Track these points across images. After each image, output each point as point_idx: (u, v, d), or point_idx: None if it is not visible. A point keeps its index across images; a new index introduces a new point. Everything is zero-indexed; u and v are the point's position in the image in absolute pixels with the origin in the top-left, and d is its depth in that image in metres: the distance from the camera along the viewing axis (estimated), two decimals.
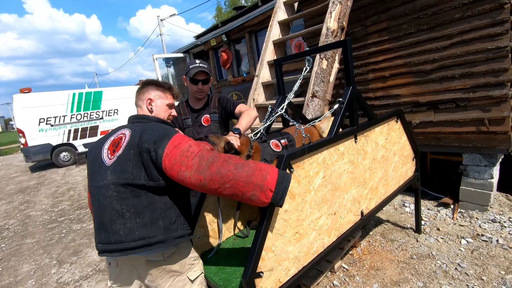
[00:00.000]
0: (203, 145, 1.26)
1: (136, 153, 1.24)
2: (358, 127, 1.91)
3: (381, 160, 2.19)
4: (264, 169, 1.20)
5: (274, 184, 1.19)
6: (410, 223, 3.05)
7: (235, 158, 1.22)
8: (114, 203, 1.24)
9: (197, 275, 1.47)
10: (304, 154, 1.54)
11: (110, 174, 1.25)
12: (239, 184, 1.15)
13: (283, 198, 1.22)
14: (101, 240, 1.29)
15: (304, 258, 1.60)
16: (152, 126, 1.34)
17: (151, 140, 1.24)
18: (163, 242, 1.28)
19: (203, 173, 1.14)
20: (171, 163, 1.19)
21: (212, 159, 1.16)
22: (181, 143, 1.22)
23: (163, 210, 1.29)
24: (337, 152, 1.78)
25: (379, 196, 2.19)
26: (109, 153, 1.31)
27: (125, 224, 1.24)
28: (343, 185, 1.83)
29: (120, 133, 1.35)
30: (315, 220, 1.65)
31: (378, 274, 2.37)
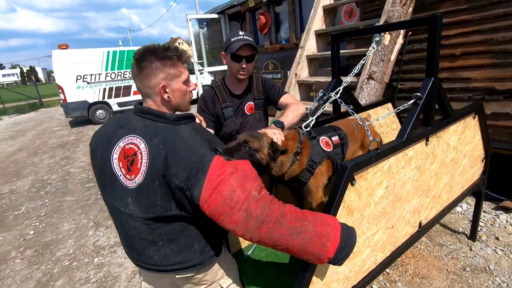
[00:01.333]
0: (249, 185, 0.98)
1: (162, 184, 1.01)
2: (433, 127, 1.57)
3: (450, 164, 1.86)
4: (325, 234, 1.01)
5: (334, 251, 1.03)
6: (462, 227, 2.73)
7: (289, 215, 0.99)
8: (144, 234, 1.09)
9: (230, 283, 1.35)
10: (371, 163, 1.27)
11: (133, 204, 1.05)
12: (292, 250, 1.00)
13: (342, 262, 1.06)
14: (133, 257, 1.18)
15: (354, 277, 1.41)
16: (177, 143, 1.01)
17: (181, 176, 0.97)
18: (200, 264, 1.17)
19: (250, 233, 0.96)
20: (211, 210, 0.97)
21: (262, 219, 0.94)
22: (222, 182, 0.95)
23: (198, 234, 1.15)
24: (404, 157, 1.48)
25: (440, 204, 1.90)
26: (123, 169, 1.07)
27: (159, 251, 1.12)
28: (406, 195, 1.56)
29: (132, 142, 1.06)
30: (371, 236, 1.42)
31: (424, 284, 2.16)
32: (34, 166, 6.37)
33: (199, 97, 1.91)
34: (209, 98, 1.85)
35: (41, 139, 9.05)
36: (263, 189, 1.03)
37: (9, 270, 2.95)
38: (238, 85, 1.88)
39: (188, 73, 1.18)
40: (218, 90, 1.87)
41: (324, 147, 1.54)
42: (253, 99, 1.89)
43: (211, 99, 1.85)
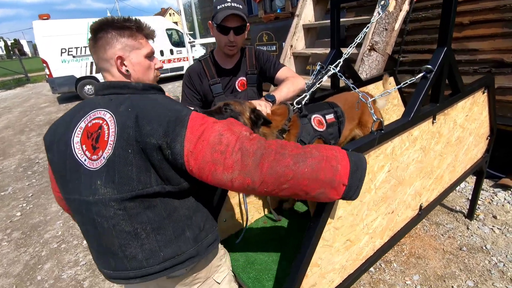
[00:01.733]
0: (238, 127, 0.88)
1: (137, 152, 0.86)
2: (442, 103, 1.42)
3: (455, 143, 1.73)
4: (332, 157, 0.89)
5: (347, 175, 0.89)
6: (460, 205, 2.68)
7: (289, 145, 0.88)
8: (121, 224, 0.92)
9: (224, 275, 1.25)
10: (373, 146, 1.13)
11: (103, 185, 0.88)
12: (301, 183, 0.85)
13: (358, 191, 0.92)
14: (110, 266, 0.99)
15: (351, 266, 1.32)
16: (148, 105, 0.91)
17: (158, 132, 0.84)
18: (196, 256, 1.01)
19: (250, 174, 0.82)
20: (200, 164, 0.84)
21: (261, 154, 0.83)
22: (206, 129, 0.85)
23: (188, 217, 0.99)
24: (409, 138, 1.35)
25: (442, 185, 1.80)
26: (87, 152, 0.91)
27: (143, 246, 0.94)
28: (408, 178, 1.45)
29: (95, 117, 0.92)
30: (370, 222, 1.32)
31: (420, 264, 2.12)
32: (21, 145, 6.16)
33: (185, 72, 1.71)
34: (195, 73, 1.65)
35: (28, 116, 8.74)
36: (254, 133, 0.91)
37: None
38: (228, 58, 1.67)
39: (152, 48, 1.06)
40: (205, 64, 1.66)
41: (316, 127, 1.38)
42: (245, 74, 1.69)
43: (197, 74, 1.65)
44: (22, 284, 2.43)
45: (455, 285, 1.93)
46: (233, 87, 1.67)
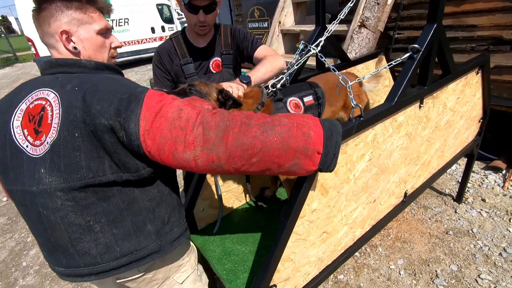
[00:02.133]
0: (199, 102, 0.81)
1: (86, 135, 0.77)
2: (430, 86, 1.32)
3: (444, 127, 1.65)
4: (303, 123, 0.82)
5: (321, 141, 0.82)
6: (449, 188, 2.64)
7: (255, 115, 0.81)
8: (71, 217, 0.82)
9: (187, 275, 1.14)
10: (351, 135, 1.04)
11: (48, 174, 0.79)
12: (272, 154, 0.78)
13: (334, 160, 0.84)
14: (61, 264, 0.90)
15: (329, 257, 1.28)
16: (98, 81, 0.82)
17: (109, 111, 0.75)
18: (158, 252, 0.94)
19: (214, 149, 0.75)
20: (158, 143, 0.76)
21: (225, 125, 0.76)
22: (164, 105, 0.77)
23: (149, 209, 0.91)
24: (393, 124, 1.26)
25: (429, 171, 1.74)
26: (29, 137, 0.81)
27: (97, 241, 0.86)
28: (392, 166, 1.38)
29: (38, 97, 0.82)
30: (349, 213, 1.26)
31: (405, 248, 2.11)
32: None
33: (155, 51, 1.58)
34: (165, 52, 1.52)
35: None
36: (219, 109, 0.83)
37: None
38: (201, 37, 1.54)
39: (107, 24, 0.94)
40: (176, 42, 1.53)
41: (293, 111, 1.28)
42: (220, 55, 1.57)
43: (167, 53, 1.52)
44: (7, 271, 2.42)
45: (439, 270, 1.92)
46: (207, 68, 1.55)
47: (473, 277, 1.85)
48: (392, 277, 1.91)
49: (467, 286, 1.80)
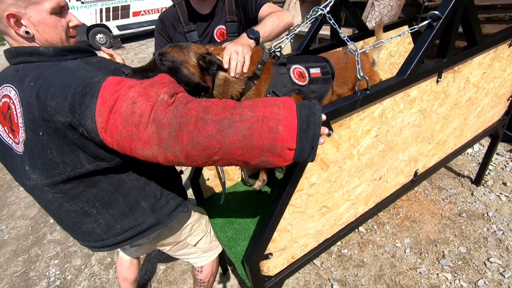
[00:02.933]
0: (156, 89, 0.72)
1: (51, 133, 0.75)
2: (451, 59, 1.21)
3: (465, 105, 1.54)
4: (270, 116, 0.71)
5: (294, 137, 0.72)
6: (468, 170, 2.53)
7: (215, 107, 0.72)
8: (65, 206, 0.86)
9: (199, 238, 1.26)
10: (355, 108, 1.00)
11: (31, 171, 0.80)
12: (233, 153, 0.71)
13: (313, 152, 0.75)
14: (77, 238, 0.99)
15: (328, 231, 1.29)
16: (53, 74, 0.76)
17: (64, 108, 0.71)
18: (157, 225, 0.99)
19: (169, 149, 0.69)
20: (117, 140, 0.71)
21: (178, 123, 0.67)
22: (119, 98, 0.69)
23: (139, 188, 0.94)
24: (405, 99, 1.19)
25: (444, 150, 1.65)
26: (9, 132, 0.81)
27: (97, 221, 0.91)
28: (401, 143, 1.32)
29: (3, 95, 0.79)
30: (351, 189, 1.25)
31: (413, 228, 2.08)
32: None
33: (157, 19, 1.55)
34: (169, 19, 1.48)
35: None
36: (181, 94, 0.75)
37: (14, 197, 3.10)
38: (204, 4, 1.47)
39: (60, 1, 0.84)
40: (180, 8, 1.48)
41: (296, 79, 1.16)
42: (224, 22, 1.51)
43: (170, 21, 1.48)
44: (37, 226, 2.65)
45: (446, 250, 1.89)
46: (211, 37, 1.50)
47: (482, 260, 1.81)
48: (397, 255, 1.91)
49: (474, 268, 1.77)
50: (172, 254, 1.28)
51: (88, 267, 2.16)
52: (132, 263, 1.48)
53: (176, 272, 2.02)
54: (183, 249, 1.24)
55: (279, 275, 1.19)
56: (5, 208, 2.95)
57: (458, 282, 1.70)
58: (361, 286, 1.76)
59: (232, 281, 1.90)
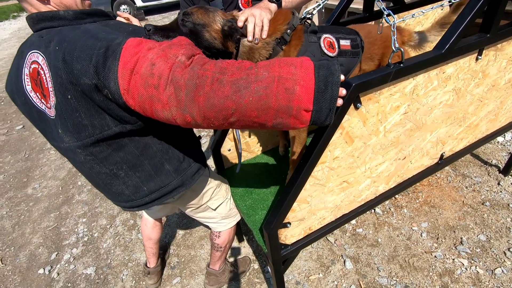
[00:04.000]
0: (174, 51, 0.72)
1: (79, 96, 0.77)
2: (495, 35, 1.13)
3: (504, 87, 1.45)
4: (287, 76, 0.70)
5: (311, 98, 0.70)
6: (497, 159, 2.42)
7: (231, 67, 0.71)
8: (96, 168, 0.92)
9: (219, 203, 1.32)
10: (387, 82, 0.96)
11: (64, 134, 0.84)
12: (249, 114, 0.71)
13: (330, 115, 0.74)
14: (109, 198, 1.06)
15: (347, 206, 1.29)
16: (75, 36, 0.76)
17: (89, 70, 0.73)
18: (182, 186, 1.05)
19: (187, 110, 0.70)
20: (138, 101, 0.72)
21: (194, 84, 0.68)
22: (139, 60, 0.70)
23: (163, 151, 0.98)
24: (439, 76, 1.13)
25: (475, 135, 1.58)
26: (41, 97, 0.84)
27: (126, 183, 0.97)
28: (430, 123, 1.28)
29: (32, 61, 0.81)
30: (374, 166, 1.23)
31: (432, 213, 2.05)
32: None
33: None
34: None
35: None
36: (198, 55, 0.75)
37: (45, 159, 3.30)
38: None
39: None
40: None
41: (326, 49, 1.12)
42: None
43: None
44: (66, 187, 2.83)
45: (465, 237, 1.86)
46: (236, 4, 1.47)
47: (502, 249, 1.77)
48: (413, 238, 1.91)
49: (493, 256, 1.74)
50: (193, 215, 1.34)
51: (113, 227, 2.31)
52: (156, 224, 1.57)
53: (194, 237, 2.12)
54: (203, 212, 1.29)
55: (295, 244, 1.22)
56: (38, 168, 3.15)
57: (474, 269, 1.68)
58: (373, 265, 1.78)
59: (247, 250, 1.97)
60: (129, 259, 2.03)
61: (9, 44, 8.99)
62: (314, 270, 1.79)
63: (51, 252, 2.16)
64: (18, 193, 2.83)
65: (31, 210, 2.60)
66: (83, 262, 2.05)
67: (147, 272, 1.74)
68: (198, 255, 1.98)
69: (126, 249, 2.11)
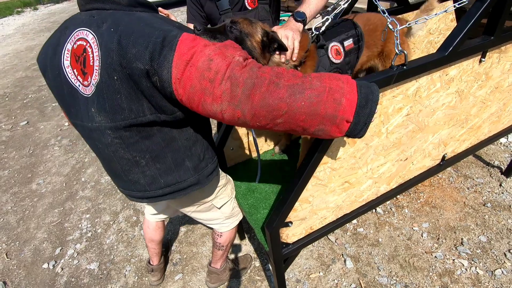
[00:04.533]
0: (231, 51, 0.78)
1: (124, 78, 0.80)
2: (499, 37, 1.13)
3: (507, 89, 1.45)
4: (336, 88, 0.77)
5: (353, 110, 0.78)
6: (500, 160, 2.41)
7: (286, 74, 0.78)
8: (120, 152, 0.94)
9: (224, 202, 1.33)
10: (390, 84, 0.97)
11: (97, 113, 0.86)
12: (297, 118, 0.77)
13: (365, 129, 0.81)
14: (120, 186, 1.08)
15: (348, 206, 1.31)
16: (132, 22, 0.81)
17: (144, 56, 0.76)
18: (197, 184, 1.07)
19: (240, 106, 0.75)
20: (188, 92, 0.77)
21: (252, 83, 0.73)
22: (195, 53, 0.75)
23: (187, 147, 1.00)
24: (443, 78, 1.14)
25: (477, 136, 1.59)
26: (79, 77, 0.86)
27: (144, 173, 0.99)
28: (433, 125, 1.28)
29: (79, 38, 0.84)
30: (375, 167, 1.24)
31: (433, 213, 2.06)
32: None
33: None
34: None
35: None
36: (251, 59, 0.82)
37: (49, 155, 3.33)
38: None
39: None
40: None
41: (333, 58, 1.21)
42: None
43: None
44: (70, 183, 2.86)
45: (466, 238, 1.87)
46: (242, 4, 1.47)
47: (503, 250, 1.78)
48: (413, 238, 1.92)
49: (493, 258, 1.75)
50: (196, 217, 1.35)
51: (116, 223, 2.33)
52: (158, 225, 1.58)
53: (196, 235, 2.14)
54: (207, 212, 1.31)
55: (296, 243, 1.24)
56: (42, 164, 3.18)
57: (474, 269, 1.69)
58: (374, 264, 1.79)
59: (249, 247, 1.99)
60: (132, 255, 2.06)
61: (14, 40, 9.02)
62: (315, 269, 1.81)
63: (55, 247, 2.19)
64: (22, 188, 2.86)
65: (36, 205, 2.63)
66: (86, 258, 2.08)
67: (151, 269, 1.76)
68: (200, 252, 2.01)
69: (129, 245, 2.14)
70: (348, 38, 1.24)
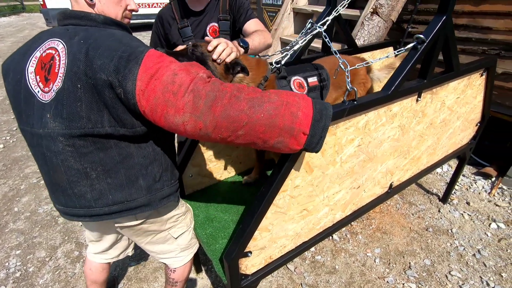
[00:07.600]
0: (196, 69, 0.83)
1: (88, 88, 0.81)
2: (430, 80, 1.31)
3: (439, 125, 1.66)
4: (293, 103, 0.84)
5: (309, 123, 0.85)
6: (437, 188, 2.69)
7: (247, 89, 0.83)
8: (70, 161, 0.89)
9: (182, 232, 1.26)
10: (342, 117, 1.05)
11: (52, 119, 0.85)
12: (257, 129, 0.82)
13: (321, 142, 0.88)
14: (60, 202, 0.99)
15: (306, 234, 1.32)
16: (102, 36, 0.85)
17: (109, 67, 0.79)
18: (147, 206, 1.01)
19: (201, 118, 0.78)
20: (151, 104, 0.79)
21: (214, 96, 0.78)
22: (161, 68, 0.79)
23: (143, 166, 0.96)
24: (387, 113, 1.27)
25: (418, 166, 1.76)
26: (41, 83, 0.87)
27: (92, 186, 0.93)
28: (380, 155, 1.39)
29: (49, 47, 0.87)
30: (331, 195, 1.30)
31: (384, 239, 2.18)
32: None
33: (156, 16, 1.57)
34: (165, 17, 1.52)
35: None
36: (215, 78, 0.86)
37: None
38: (198, 0, 1.53)
39: None
40: (175, 6, 1.52)
41: (296, 90, 1.27)
42: (217, 20, 1.55)
43: (166, 18, 1.52)
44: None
45: (413, 262, 1.99)
46: (203, 33, 1.54)
47: (444, 272, 1.92)
48: (367, 264, 1.99)
49: (437, 280, 1.87)
50: (149, 249, 1.26)
51: (53, 259, 2.06)
52: (103, 267, 1.42)
53: (147, 269, 1.97)
54: (163, 244, 1.22)
55: (256, 274, 1.20)
56: None
57: None
58: None
59: (205, 282, 1.88)
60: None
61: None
62: None
63: None
64: None
65: None
66: None
67: None
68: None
69: (67, 285, 1.88)
70: (313, 76, 1.33)
